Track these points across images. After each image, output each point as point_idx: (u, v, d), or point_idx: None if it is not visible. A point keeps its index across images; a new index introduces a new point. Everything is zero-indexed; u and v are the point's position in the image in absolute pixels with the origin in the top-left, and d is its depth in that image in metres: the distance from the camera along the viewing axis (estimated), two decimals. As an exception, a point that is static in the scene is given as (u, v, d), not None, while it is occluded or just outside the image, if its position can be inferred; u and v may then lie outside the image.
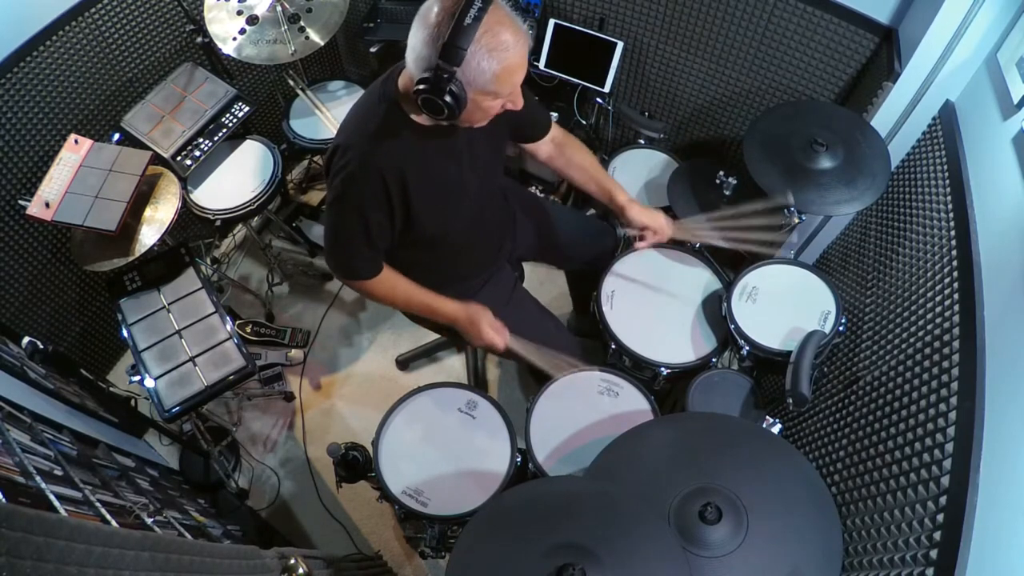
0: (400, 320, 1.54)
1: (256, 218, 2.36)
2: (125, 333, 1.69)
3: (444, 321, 1.45)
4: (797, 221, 1.68)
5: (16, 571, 0.55)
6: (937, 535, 0.92)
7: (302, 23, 1.91)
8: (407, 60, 1.09)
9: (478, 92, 1.07)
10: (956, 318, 1.11)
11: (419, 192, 1.22)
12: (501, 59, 1.04)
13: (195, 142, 1.89)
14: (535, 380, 2.01)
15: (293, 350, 2.11)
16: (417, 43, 1.05)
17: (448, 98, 1.04)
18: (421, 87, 1.05)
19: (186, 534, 1.34)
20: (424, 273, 1.44)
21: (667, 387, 1.61)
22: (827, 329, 1.45)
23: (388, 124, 1.17)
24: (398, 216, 1.24)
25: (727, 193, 1.77)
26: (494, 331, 1.40)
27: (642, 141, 2.10)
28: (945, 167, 1.38)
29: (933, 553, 0.90)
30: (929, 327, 1.20)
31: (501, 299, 1.58)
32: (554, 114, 1.74)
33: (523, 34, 1.07)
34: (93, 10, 1.79)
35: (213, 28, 1.89)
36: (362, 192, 1.19)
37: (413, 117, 1.17)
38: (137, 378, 1.62)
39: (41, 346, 1.39)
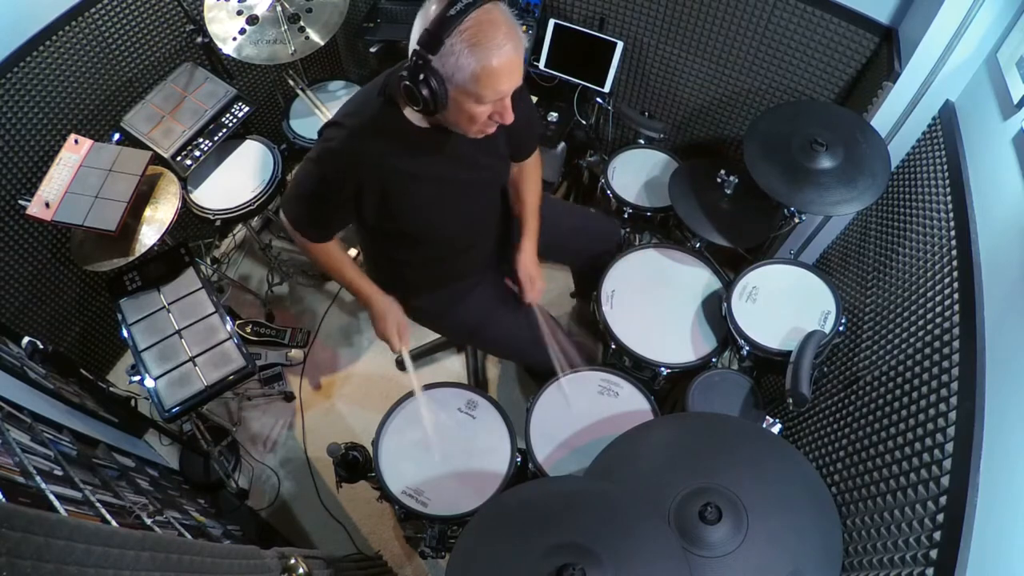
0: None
1: (256, 218, 2.36)
2: (125, 333, 1.69)
3: (360, 302, 1.46)
4: (797, 221, 1.68)
5: (16, 571, 0.55)
6: (937, 535, 0.92)
7: (302, 23, 1.91)
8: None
9: (459, 90, 1.06)
10: (956, 318, 1.11)
11: (400, 189, 1.23)
12: (483, 58, 1.01)
13: (195, 142, 1.89)
14: (535, 380, 2.01)
15: (293, 350, 2.10)
16: (412, 32, 1.06)
17: (425, 90, 1.04)
18: (403, 73, 1.06)
19: (186, 534, 1.34)
20: (420, 271, 1.44)
21: (667, 387, 1.61)
22: (827, 329, 1.45)
23: (381, 117, 1.18)
24: (368, 205, 1.24)
25: (728, 192, 1.77)
26: (395, 332, 1.42)
27: (642, 141, 2.10)
28: (945, 167, 1.38)
29: (933, 553, 0.90)
30: (929, 327, 1.20)
31: (498, 298, 1.58)
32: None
33: (516, 40, 1.04)
34: (93, 10, 1.79)
35: (213, 28, 1.89)
36: (334, 167, 1.21)
37: (407, 115, 1.18)
38: (137, 378, 1.62)
39: (41, 346, 1.40)
